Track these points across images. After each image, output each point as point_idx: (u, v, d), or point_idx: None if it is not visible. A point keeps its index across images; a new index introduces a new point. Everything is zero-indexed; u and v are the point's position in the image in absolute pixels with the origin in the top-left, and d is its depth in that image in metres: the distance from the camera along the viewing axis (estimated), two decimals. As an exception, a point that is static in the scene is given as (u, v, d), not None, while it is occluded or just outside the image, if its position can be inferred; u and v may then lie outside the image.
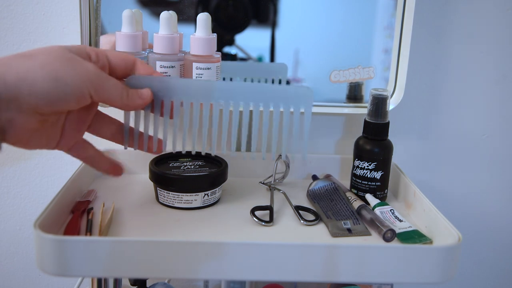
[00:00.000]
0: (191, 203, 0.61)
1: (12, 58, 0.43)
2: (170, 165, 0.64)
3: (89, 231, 0.54)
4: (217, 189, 0.63)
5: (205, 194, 0.61)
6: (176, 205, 0.61)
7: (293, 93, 0.53)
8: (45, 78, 0.42)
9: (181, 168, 0.63)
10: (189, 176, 0.61)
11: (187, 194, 0.61)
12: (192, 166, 0.64)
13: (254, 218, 0.59)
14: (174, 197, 0.61)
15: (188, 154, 0.66)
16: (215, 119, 0.54)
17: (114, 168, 0.55)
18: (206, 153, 0.65)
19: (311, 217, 0.61)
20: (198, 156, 0.66)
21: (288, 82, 0.74)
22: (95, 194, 0.64)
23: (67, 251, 0.45)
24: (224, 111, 0.53)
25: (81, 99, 0.45)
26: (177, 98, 0.54)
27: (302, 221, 0.59)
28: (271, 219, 0.59)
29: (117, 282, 0.66)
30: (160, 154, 0.64)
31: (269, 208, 0.61)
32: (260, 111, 0.53)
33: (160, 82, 0.53)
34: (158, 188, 0.62)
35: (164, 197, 0.62)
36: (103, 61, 0.49)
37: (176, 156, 0.66)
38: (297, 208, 0.62)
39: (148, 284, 0.70)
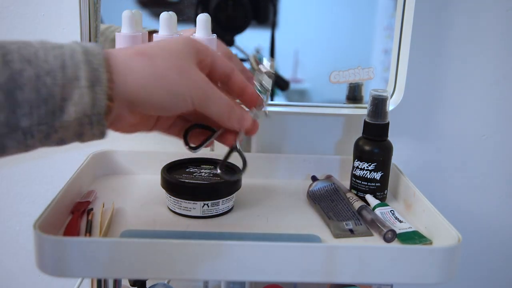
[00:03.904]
0: (190, 210, 0.59)
1: (133, 56, 0.43)
2: (187, 169, 0.62)
3: (88, 231, 0.54)
4: (220, 200, 0.59)
5: (204, 204, 0.59)
6: (177, 210, 0.60)
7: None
8: (160, 91, 0.44)
9: (194, 174, 0.61)
10: (187, 183, 0.59)
11: (185, 201, 0.59)
12: (206, 174, 0.61)
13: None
14: (174, 202, 0.60)
15: (212, 162, 0.65)
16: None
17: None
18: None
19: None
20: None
21: (287, 82, 0.74)
22: (95, 195, 0.64)
23: (67, 251, 0.45)
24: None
25: (187, 109, 0.46)
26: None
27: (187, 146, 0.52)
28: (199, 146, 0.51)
29: (117, 283, 0.66)
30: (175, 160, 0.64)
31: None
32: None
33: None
34: (165, 191, 0.61)
35: (168, 200, 0.61)
36: (207, 63, 0.48)
37: (199, 161, 0.65)
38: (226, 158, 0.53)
39: (148, 285, 0.70)
